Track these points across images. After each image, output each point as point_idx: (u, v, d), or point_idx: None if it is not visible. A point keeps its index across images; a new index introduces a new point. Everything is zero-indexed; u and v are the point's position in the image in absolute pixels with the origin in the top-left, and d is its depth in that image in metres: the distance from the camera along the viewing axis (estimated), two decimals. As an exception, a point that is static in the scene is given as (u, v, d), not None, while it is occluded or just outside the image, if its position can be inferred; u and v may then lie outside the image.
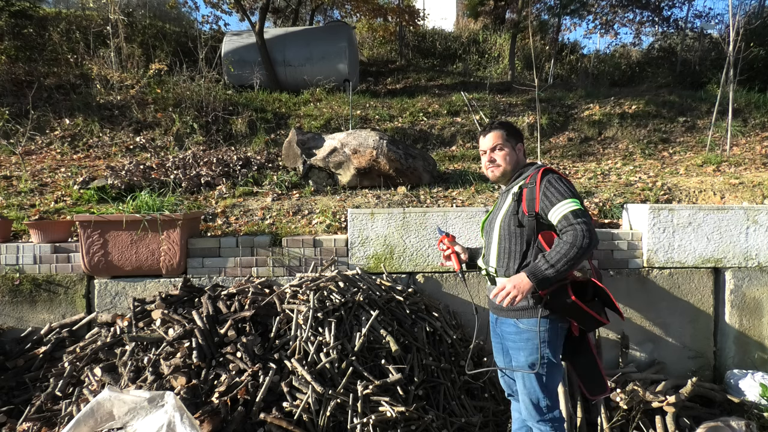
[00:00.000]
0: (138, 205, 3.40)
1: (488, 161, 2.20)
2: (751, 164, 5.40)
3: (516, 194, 2.10)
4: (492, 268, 2.15)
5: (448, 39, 11.66)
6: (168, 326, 2.89)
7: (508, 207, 2.11)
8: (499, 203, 2.23)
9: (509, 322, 2.09)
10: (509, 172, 2.19)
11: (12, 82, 6.97)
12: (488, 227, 2.23)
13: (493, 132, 2.19)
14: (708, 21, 11.08)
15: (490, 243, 2.18)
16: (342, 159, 4.65)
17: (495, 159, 2.19)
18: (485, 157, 2.22)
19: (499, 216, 2.15)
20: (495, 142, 2.18)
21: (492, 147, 2.18)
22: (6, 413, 2.78)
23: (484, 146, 2.21)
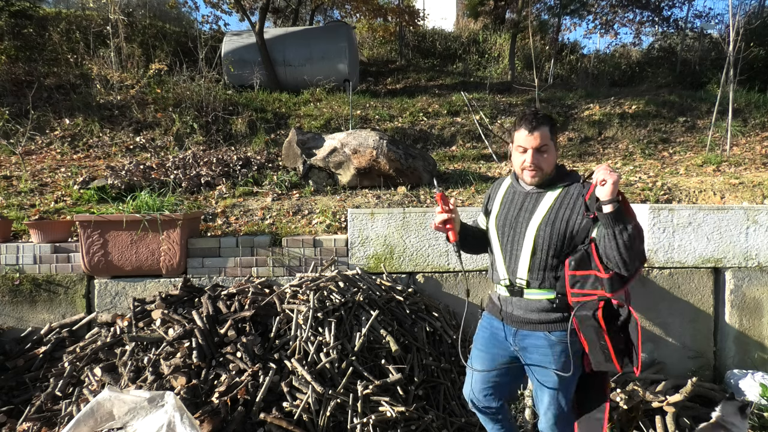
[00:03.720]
0: (138, 205, 3.40)
1: (532, 162, 1.84)
2: (751, 164, 5.40)
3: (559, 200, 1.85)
4: (522, 280, 1.88)
5: (448, 39, 11.66)
6: (168, 326, 2.89)
7: (547, 213, 1.84)
8: (521, 203, 1.94)
9: (539, 335, 1.87)
10: (547, 177, 1.90)
11: (12, 82, 6.97)
12: (507, 231, 1.93)
13: (543, 129, 1.83)
14: (708, 21, 11.09)
15: (513, 250, 1.90)
16: (342, 159, 4.65)
17: (540, 162, 1.85)
18: (526, 155, 1.85)
19: (532, 221, 1.87)
20: (543, 142, 1.83)
21: (538, 146, 1.83)
22: (6, 413, 2.78)
23: (527, 143, 1.83)
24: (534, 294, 1.88)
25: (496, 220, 1.98)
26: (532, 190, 1.93)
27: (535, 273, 1.86)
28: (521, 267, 1.88)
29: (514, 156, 1.93)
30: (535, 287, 1.87)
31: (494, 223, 1.99)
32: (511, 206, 1.96)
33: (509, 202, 1.98)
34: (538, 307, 1.88)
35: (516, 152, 1.90)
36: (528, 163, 1.86)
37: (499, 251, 1.96)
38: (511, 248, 1.92)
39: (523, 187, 1.96)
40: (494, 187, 2.12)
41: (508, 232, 1.93)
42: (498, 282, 1.99)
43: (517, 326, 1.93)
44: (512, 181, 2.03)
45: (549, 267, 1.84)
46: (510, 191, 2.01)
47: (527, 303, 1.89)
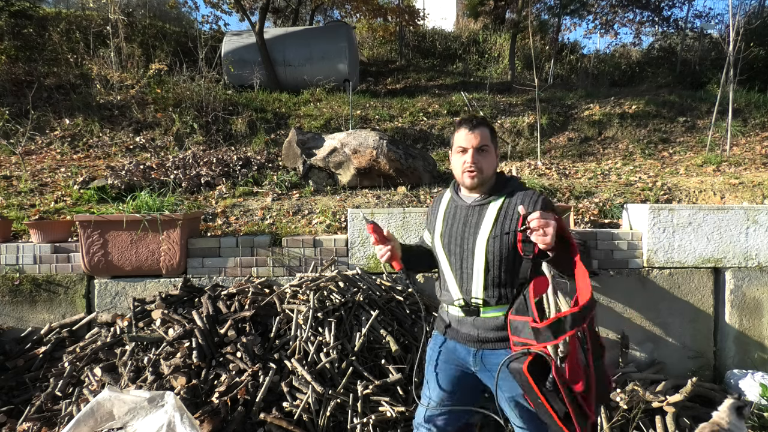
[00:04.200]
0: (138, 205, 3.40)
1: (472, 162, 1.77)
2: (751, 164, 5.40)
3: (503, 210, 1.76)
4: (478, 299, 1.77)
5: (448, 39, 11.66)
6: (168, 326, 2.89)
7: (493, 226, 1.74)
8: (464, 218, 1.82)
9: (501, 353, 1.71)
10: (487, 182, 1.82)
11: (12, 82, 6.97)
12: (454, 248, 1.81)
13: (483, 129, 1.80)
14: (708, 21, 11.09)
15: (464, 269, 1.78)
16: (342, 159, 4.65)
17: (480, 163, 1.78)
18: (466, 156, 1.78)
19: (479, 236, 1.75)
20: (483, 142, 1.78)
21: (479, 146, 1.78)
22: (6, 413, 2.78)
23: (467, 142, 1.78)
24: (491, 312, 1.76)
25: (441, 238, 1.85)
26: (473, 202, 1.82)
27: (490, 291, 1.75)
28: (475, 286, 1.76)
29: (453, 160, 1.85)
30: (492, 305, 1.76)
31: (440, 241, 1.86)
32: (455, 222, 1.84)
33: (452, 218, 1.86)
34: (496, 325, 1.75)
35: (455, 156, 1.83)
36: (468, 163, 1.77)
37: (449, 270, 1.83)
38: (461, 267, 1.79)
39: (464, 200, 1.86)
40: (435, 203, 2.01)
41: (455, 250, 1.81)
42: (450, 302, 1.85)
43: (476, 346, 1.80)
44: (452, 195, 1.92)
45: (504, 283, 1.74)
46: (451, 206, 1.89)
47: (484, 322, 1.77)
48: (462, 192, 1.89)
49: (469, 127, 1.79)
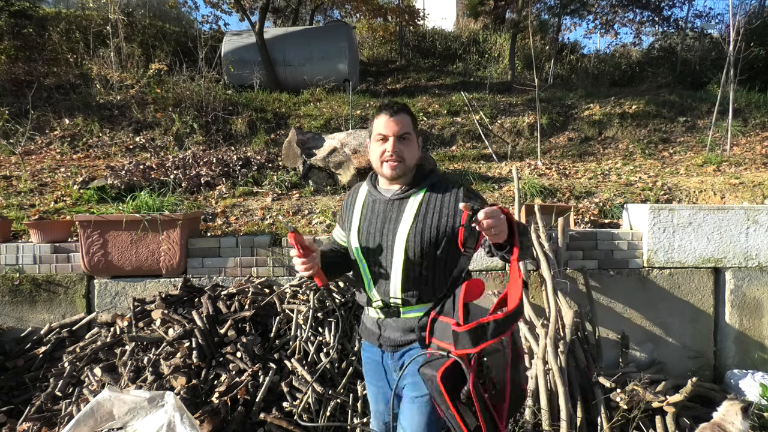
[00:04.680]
0: (138, 205, 3.40)
1: (393, 151, 1.63)
2: (752, 164, 5.40)
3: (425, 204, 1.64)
4: (396, 299, 1.63)
5: (448, 39, 11.66)
6: (168, 326, 2.89)
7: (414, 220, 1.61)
8: (383, 213, 1.68)
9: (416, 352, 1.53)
10: (408, 173, 1.68)
11: (12, 82, 6.97)
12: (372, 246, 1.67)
13: (404, 115, 1.66)
14: (708, 21, 11.09)
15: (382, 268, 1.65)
16: (342, 159, 4.64)
17: (402, 152, 1.64)
18: (387, 144, 1.63)
19: (399, 232, 1.62)
20: (405, 129, 1.65)
21: (401, 134, 1.63)
22: (6, 413, 2.78)
23: (388, 129, 1.63)
24: (411, 312, 1.63)
25: (359, 235, 1.71)
26: (393, 196, 1.69)
27: (411, 290, 1.62)
28: (394, 285, 1.63)
29: (372, 149, 1.69)
30: (413, 304, 1.63)
31: (356, 239, 1.71)
32: (373, 217, 1.70)
33: (369, 213, 1.72)
34: (417, 325, 1.56)
35: (375, 144, 1.68)
36: (389, 152, 1.62)
37: (366, 270, 1.69)
38: (380, 265, 1.66)
39: (382, 194, 1.71)
40: (350, 197, 1.85)
41: (373, 248, 1.67)
42: (369, 304, 1.72)
43: (394, 349, 1.68)
44: (370, 188, 1.77)
45: (425, 281, 1.62)
46: (369, 200, 1.75)
47: (404, 323, 1.65)
48: (381, 185, 1.75)
49: (390, 113, 1.64)
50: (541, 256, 3.18)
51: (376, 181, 1.78)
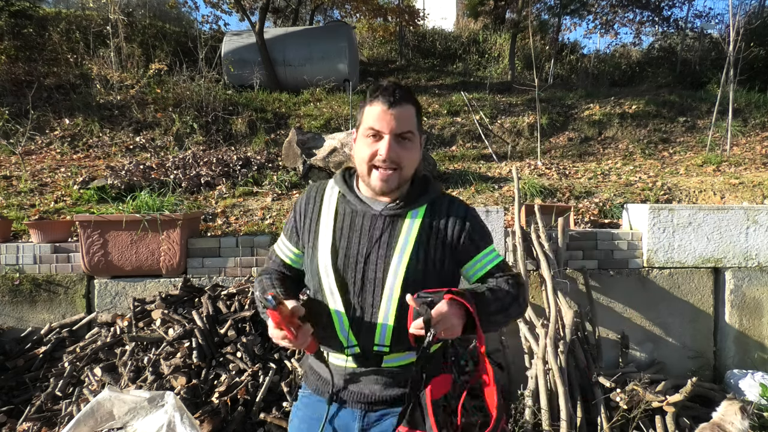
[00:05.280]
0: (138, 205, 3.40)
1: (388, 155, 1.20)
2: (751, 164, 5.40)
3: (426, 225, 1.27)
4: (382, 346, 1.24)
5: (448, 39, 11.66)
6: (168, 326, 2.89)
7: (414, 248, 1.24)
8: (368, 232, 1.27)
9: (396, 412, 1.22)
10: (404, 184, 1.29)
11: (12, 82, 6.97)
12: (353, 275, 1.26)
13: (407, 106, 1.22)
14: (708, 21, 11.09)
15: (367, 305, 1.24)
16: (342, 159, 4.65)
17: (400, 157, 1.22)
18: (380, 144, 1.20)
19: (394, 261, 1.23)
20: (407, 127, 1.21)
21: (400, 132, 1.21)
22: (6, 413, 2.78)
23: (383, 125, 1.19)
24: (396, 360, 1.26)
25: (332, 257, 1.26)
26: (385, 210, 1.27)
27: (402, 335, 1.18)
28: (382, 329, 1.23)
29: (359, 147, 1.25)
30: (400, 350, 1.25)
31: (328, 261, 1.26)
32: (353, 235, 1.27)
33: (348, 228, 1.28)
34: (401, 376, 1.26)
35: (363, 141, 1.23)
36: (383, 156, 1.19)
37: (341, 306, 1.25)
38: (363, 302, 1.24)
39: (368, 205, 1.28)
40: (310, 200, 1.37)
41: (354, 277, 1.25)
42: (338, 350, 1.28)
43: (369, 408, 1.28)
44: (345, 192, 1.32)
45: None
46: (345, 209, 1.31)
47: (388, 374, 1.27)
48: (362, 191, 1.31)
49: (388, 102, 1.18)
50: (541, 256, 3.18)
51: (355, 184, 1.33)
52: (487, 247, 1.33)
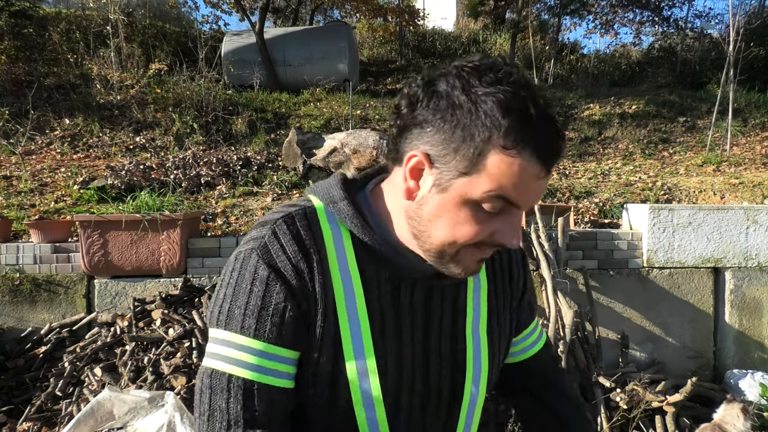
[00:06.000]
0: (138, 205, 3.40)
1: (515, 235, 0.66)
2: (751, 164, 5.40)
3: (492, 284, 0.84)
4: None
5: (448, 39, 11.66)
6: (168, 326, 2.89)
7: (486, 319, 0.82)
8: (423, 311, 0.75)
9: None
10: None
11: (12, 82, 6.97)
12: (405, 386, 0.74)
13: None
14: (708, 21, 11.10)
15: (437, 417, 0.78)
16: (342, 159, 4.65)
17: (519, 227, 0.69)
18: (509, 220, 0.65)
19: (471, 353, 0.79)
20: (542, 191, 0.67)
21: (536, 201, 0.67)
22: (6, 413, 2.78)
23: (530, 197, 0.63)
24: None
25: (379, 377, 0.71)
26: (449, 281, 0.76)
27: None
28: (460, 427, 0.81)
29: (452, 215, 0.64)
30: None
31: (371, 385, 0.71)
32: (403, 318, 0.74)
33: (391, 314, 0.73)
34: None
35: (468, 207, 0.63)
36: (509, 241, 0.66)
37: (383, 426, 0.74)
38: (422, 417, 0.77)
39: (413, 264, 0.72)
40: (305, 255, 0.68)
41: (411, 402, 0.75)
42: None
43: None
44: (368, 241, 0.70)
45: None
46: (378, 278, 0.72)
47: None
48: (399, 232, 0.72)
49: (550, 163, 0.62)
50: (540, 256, 3.18)
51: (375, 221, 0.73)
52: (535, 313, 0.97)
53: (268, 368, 0.66)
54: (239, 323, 0.66)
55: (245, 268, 0.67)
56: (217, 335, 0.68)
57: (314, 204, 0.73)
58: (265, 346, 0.66)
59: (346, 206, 0.70)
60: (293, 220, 0.70)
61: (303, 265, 0.67)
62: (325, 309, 0.69)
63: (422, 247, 0.68)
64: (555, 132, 0.61)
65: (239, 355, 0.66)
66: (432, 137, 0.61)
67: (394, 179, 0.71)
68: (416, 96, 0.62)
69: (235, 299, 0.67)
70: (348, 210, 0.70)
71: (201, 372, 0.69)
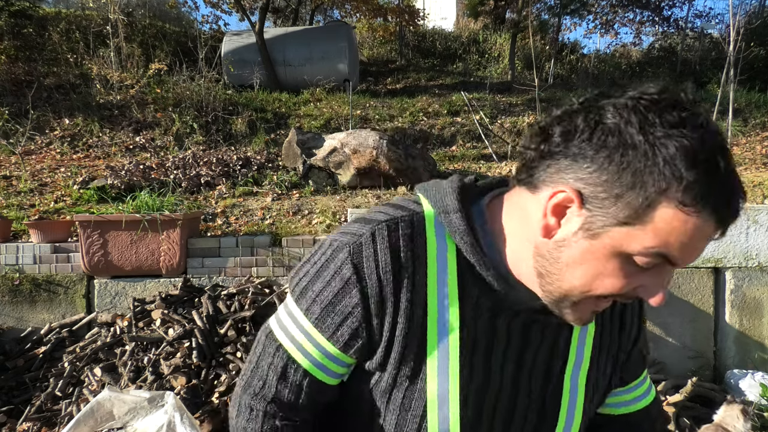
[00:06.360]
0: (138, 205, 3.40)
1: (663, 293, 0.59)
2: (752, 164, 5.40)
3: (599, 332, 0.76)
4: None
5: (448, 39, 11.66)
6: (168, 326, 2.89)
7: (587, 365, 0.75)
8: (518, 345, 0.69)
9: None
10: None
11: (12, 82, 6.97)
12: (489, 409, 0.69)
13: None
14: (708, 21, 11.10)
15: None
16: (342, 159, 4.65)
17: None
18: (658, 279, 0.58)
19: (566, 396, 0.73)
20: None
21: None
22: (6, 413, 2.78)
23: (692, 255, 0.55)
24: None
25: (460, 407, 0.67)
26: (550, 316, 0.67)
27: None
28: None
29: (593, 264, 0.56)
30: None
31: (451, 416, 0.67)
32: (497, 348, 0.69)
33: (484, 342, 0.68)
34: None
35: (615, 259, 0.55)
36: (656, 296, 0.59)
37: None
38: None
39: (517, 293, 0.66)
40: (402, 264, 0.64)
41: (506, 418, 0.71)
42: None
43: None
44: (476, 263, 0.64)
45: None
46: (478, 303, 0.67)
47: None
48: (508, 271, 0.66)
49: (725, 218, 0.53)
50: (541, 256, 3.18)
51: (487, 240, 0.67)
52: (645, 366, 0.87)
53: (323, 364, 0.69)
54: (307, 305, 0.67)
55: (333, 259, 0.65)
56: (290, 306, 0.71)
57: (424, 210, 0.69)
58: (325, 342, 0.67)
59: (458, 220, 0.65)
60: (397, 227, 0.65)
61: (389, 277, 0.63)
62: (408, 325, 0.64)
63: (544, 288, 0.62)
64: (739, 190, 0.53)
65: (303, 341, 0.68)
66: (589, 175, 0.53)
67: (520, 203, 0.63)
68: (575, 126, 0.54)
69: (313, 282, 0.67)
70: (460, 225, 0.64)
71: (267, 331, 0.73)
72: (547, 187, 0.57)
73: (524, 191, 0.62)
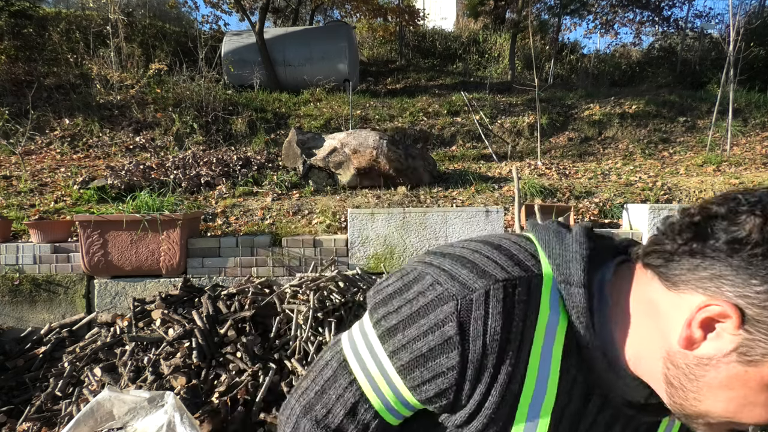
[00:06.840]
0: (138, 205, 3.40)
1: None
2: (752, 164, 5.40)
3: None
4: None
5: (448, 39, 11.66)
6: (168, 326, 2.89)
7: None
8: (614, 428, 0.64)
9: None
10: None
11: (12, 82, 6.97)
12: None
13: None
14: (708, 21, 11.10)
15: None
16: (342, 159, 4.64)
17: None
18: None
19: None
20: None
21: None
22: (6, 413, 2.78)
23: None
24: None
25: None
26: (641, 400, 0.61)
27: None
28: None
29: (752, 394, 0.49)
30: None
31: None
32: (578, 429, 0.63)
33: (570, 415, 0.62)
34: None
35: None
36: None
37: None
38: None
39: (623, 385, 0.59)
40: (510, 334, 0.57)
41: None
42: None
43: None
44: (586, 343, 0.58)
45: None
46: (573, 384, 0.60)
47: None
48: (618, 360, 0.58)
49: None
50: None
51: (603, 326, 0.59)
52: None
53: (395, 408, 0.64)
54: (394, 348, 0.60)
55: (435, 308, 0.58)
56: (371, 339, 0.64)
57: (543, 272, 0.60)
58: (405, 390, 0.61)
59: (581, 296, 0.57)
60: (514, 291, 0.57)
61: (495, 347, 0.57)
62: (501, 400, 0.59)
63: (675, 399, 0.55)
64: None
65: (381, 382, 0.63)
66: (756, 295, 0.47)
67: (649, 294, 0.56)
68: (748, 237, 0.47)
69: (406, 325, 0.59)
70: (581, 303, 0.57)
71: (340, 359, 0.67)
72: (694, 292, 0.50)
73: (656, 282, 0.55)
